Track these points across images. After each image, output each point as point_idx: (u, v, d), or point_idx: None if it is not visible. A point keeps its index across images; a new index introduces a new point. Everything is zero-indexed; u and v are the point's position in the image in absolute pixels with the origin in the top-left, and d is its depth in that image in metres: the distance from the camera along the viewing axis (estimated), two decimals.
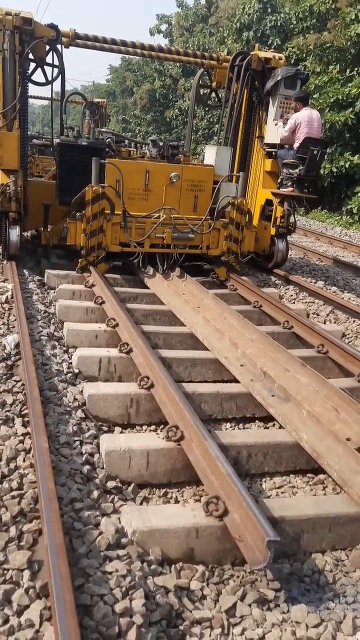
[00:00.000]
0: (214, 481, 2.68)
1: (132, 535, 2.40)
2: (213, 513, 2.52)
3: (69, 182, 6.17)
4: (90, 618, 1.98)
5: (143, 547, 2.41)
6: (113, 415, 3.59)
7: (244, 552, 2.34)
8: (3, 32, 6.24)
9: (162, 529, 2.43)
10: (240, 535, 2.39)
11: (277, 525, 2.56)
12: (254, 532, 2.31)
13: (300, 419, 3.45)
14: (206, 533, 2.49)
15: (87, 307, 5.14)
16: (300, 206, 17.29)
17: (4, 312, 4.89)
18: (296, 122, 6.76)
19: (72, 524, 2.46)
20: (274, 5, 18.80)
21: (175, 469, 3.07)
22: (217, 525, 2.49)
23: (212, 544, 2.50)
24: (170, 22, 26.86)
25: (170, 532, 2.44)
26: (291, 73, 7.05)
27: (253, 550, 2.30)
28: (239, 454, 3.20)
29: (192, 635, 2.14)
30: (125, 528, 2.47)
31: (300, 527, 2.64)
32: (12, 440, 2.95)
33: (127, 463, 2.99)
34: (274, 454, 3.26)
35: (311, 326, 5.01)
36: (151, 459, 3.02)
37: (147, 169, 6.41)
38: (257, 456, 3.23)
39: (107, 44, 7.55)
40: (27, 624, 1.91)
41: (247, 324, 4.79)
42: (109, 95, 36.86)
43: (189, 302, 5.36)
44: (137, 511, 2.53)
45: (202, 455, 2.87)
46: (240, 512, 2.44)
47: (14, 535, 2.28)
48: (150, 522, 2.45)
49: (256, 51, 7.39)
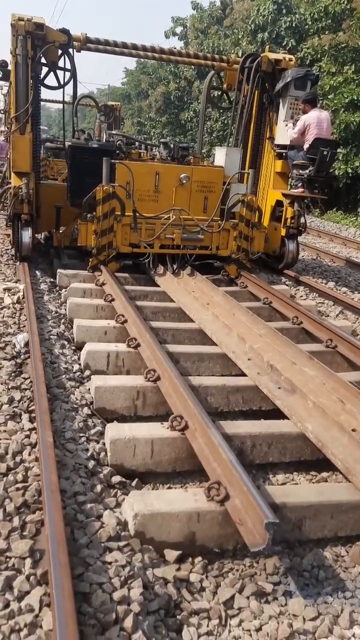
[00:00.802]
0: (216, 468, 2.72)
1: (134, 519, 2.44)
2: (214, 498, 2.56)
3: (80, 184, 6.28)
4: (88, 605, 2.03)
5: (144, 530, 2.45)
6: (120, 407, 3.65)
7: (244, 535, 2.38)
8: (16, 37, 6.38)
9: (163, 513, 2.48)
10: (240, 519, 2.43)
11: (279, 511, 2.58)
12: (254, 515, 2.35)
13: (306, 410, 3.46)
14: (207, 517, 2.53)
15: (97, 305, 5.23)
16: (315, 207, 17.37)
17: (15, 312, 5.00)
18: (305, 123, 6.80)
19: (75, 515, 2.52)
20: (289, 6, 18.81)
21: (180, 458, 3.11)
22: (219, 510, 2.53)
23: (213, 529, 2.53)
24: (186, 25, 27.00)
25: (171, 515, 2.48)
26: (301, 74, 7.08)
27: (253, 533, 2.34)
28: (243, 444, 3.23)
29: (189, 625, 2.18)
30: (128, 512, 2.52)
31: (302, 513, 2.66)
32: (18, 435, 3.03)
33: (132, 451, 3.05)
34: (279, 445, 3.29)
35: (320, 321, 5.02)
36: (156, 448, 3.07)
37: (157, 171, 6.49)
38: (261, 446, 3.26)
39: (118, 47, 7.68)
40: (27, 608, 1.97)
41: (255, 320, 4.82)
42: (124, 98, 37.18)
43: (198, 299, 5.41)
44: (139, 495, 2.58)
45: (205, 444, 2.91)
46: (241, 497, 2.48)
47: (17, 525, 2.34)
48: (152, 505, 2.50)
49: (266, 52, 7.44)
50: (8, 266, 6.74)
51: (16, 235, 6.68)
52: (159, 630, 2.09)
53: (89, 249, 6.18)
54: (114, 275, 5.91)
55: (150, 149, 7.30)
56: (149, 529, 2.47)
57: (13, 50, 6.50)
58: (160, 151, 6.87)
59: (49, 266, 7.07)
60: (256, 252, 6.79)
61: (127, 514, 2.53)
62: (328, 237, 12.50)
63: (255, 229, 6.65)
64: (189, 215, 6.38)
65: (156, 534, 2.48)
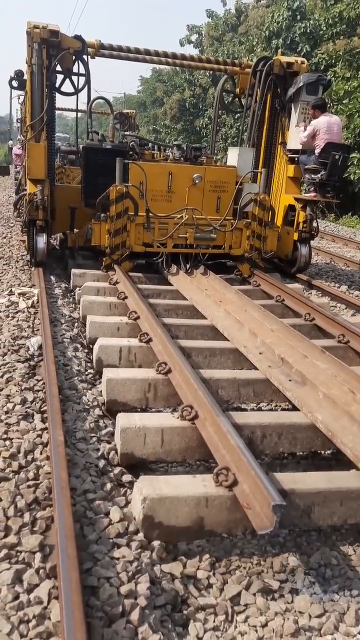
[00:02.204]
0: (225, 454, 2.73)
1: (143, 502, 2.46)
2: (223, 483, 2.57)
3: (94, 184, 6.37)
4: (96, 598, 2.07)
5: (153, 514, 2.47)
6: (131, 399, 3.68)
7: (252, 519, 2.38)
8: (31, 47, 6.52)
9: (172, 497, 2.49)
10: (248, 503, 2.43)
11: (288, 498, 2.57)
12: (261, 498, 2.35)
13: (316, 401, 3.46)
14: (216, 503, 2.54)
15: (110, 303, 5.28)
16: (330, 212, 17.30)
17: (30, 315, 5.08)
18: (315, 128, 6.83)
19: (84, 512, 2.56)
20: (304, 13, 18.87)
21: (190, 447, 3.12)
22: (227, 495, 2.54)
23: (221, 514, 2.54)
24: (201, 32, 27.21)
25: (180, 500, 2.50)
26: (313, 79, 7.12)
27: (260, 516, 2.34)
28: (253, 434, 3.23)
29: (196, 620, 2.19)
30: (137, 496, 2.54)
31: (311, 500, 2.65)
32: (30, 434, 3.08)
33: (142, 440, 3.07)
34: (289, 435, 3.28)
35: (332, 317, 5.01)
36: (166, 437, 3.08)
37: (170, 171, 6.55)
38: (271, 436, 3.26)
39: (132, 53, 7.79)
40: (35, 600, 2.02)
41: (267, 316, 4.83)
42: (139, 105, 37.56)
43: (211, 296, 5.44)
44: (148, 480, 2.60)
45: (214, 432, 2.92)
46: (249, 482, 2.48)
47: (28, 520, 2.40)
48: (161, 490, 2.51)
49: (278, 56, 7.48)
50: (23, 271, 6.86)
51: (31, 241, 6.78)
52: (165, 624, 2.11)
53: (103, 249, 6.26)
54: (128, 274, 5.97)
55: (163, 150, 7.37)
56: (157, 513, 2.48)
57: (28, 60, 6.64)
58: (173, 152, 6.94)
59: (63, 271, 7.17)
60: (269, 251, 6.80)
61: (136, 498, 2.55)
62: (342, 241, 12.44)
63: (268, 227, 6.67)
64: (202, 215, 6.42)
65: (165, 518, 2.49)
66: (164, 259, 6.43)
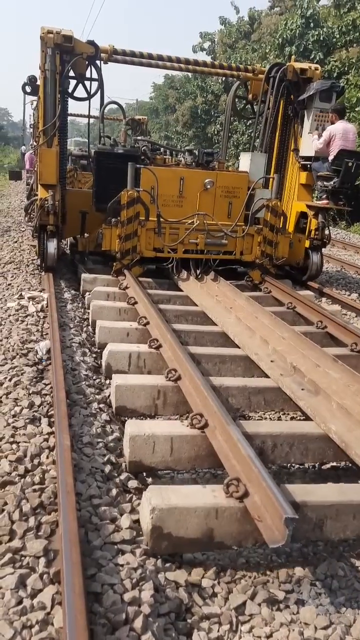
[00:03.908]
0: (236, 465, 2.67)
1: (152, 513, 2.40)
2: (233, 494, 2.50)
3: (105, 189, 6.35)
4: (99, 605, 2.04)
5: (162, 525, 2.41)
6: (140, 406, 3.63)
7: (263, 531, 2.32)
8: (45, 52, 6.53)
9: (181, 507, 2.43)
10: (259, 515, 2.37)
11: (300, 510, 2.51)
12: (273, 511, 2.29)
13: (330, 411, 3.39)
14: (226, 514, 2.47)
15: (120, 308, 5.25)
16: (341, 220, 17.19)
17: (39, 319, 5.07)
18: (331, 134, 6.78)
19: (90, 518, 2.53)
20: (317, 20, 18.86)
21: (200, 456, 3.06)
22: (238, 507, 2.47)
23: (232, 525, 2.48)
24: (213, 40, 27.29)
25: (189, 510, 2.43)
26: (326, 86, 7.07)
27: (272, 529, 2.28)
28: (264, 444, 3.16)
29: (200, 629, 2.15)
30: (145, 506, 2.48)
31: (324, 512, 2.58)
32: (37, 438, 3.05)
33: (151, 448, 3.01)
34: (300, 445, 3.21)
35: (345, 325, 4.93)
36: (175, 445, 3.03)
37: (181, 176, 6.52)
38: (282, 447, 3.19)
39: (145, 58, 7.79)
40: (39, 606, 1.99)
41: (278, 323, 4.77)
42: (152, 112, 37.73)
43: (221, 302, 5.39)
44: (157, 490, 2.54)
45: (225, 441, 2.86)
46: (260, 494, 2.42)
47: (33, 525, 2.37)
48: (170, 500, 2.45)
49: (292, 62, 7.45)
50: (34, 276, 6.85)
51: (42, 246, 6.77)
52: (169, 632, 2.07)
53: (113, 254, 6.23)
54: (138, 280, 5.93)
55: (175, 155, 7.35)
56: (166, 524, 2.42)
57: (42, 65, 6.64)
58: (185, 157, 6.92)
59: (73, 276, 7.16)
60: (280, 258, 6.73)
61: (145, 508, 2.49)
62: (354, 249, 12.34)
63: (280, 234, 6.61)
64: (213, 220, 6.38)
65: (174, 529, 2.43)
66: (174, 264, 6.39)
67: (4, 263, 7.39)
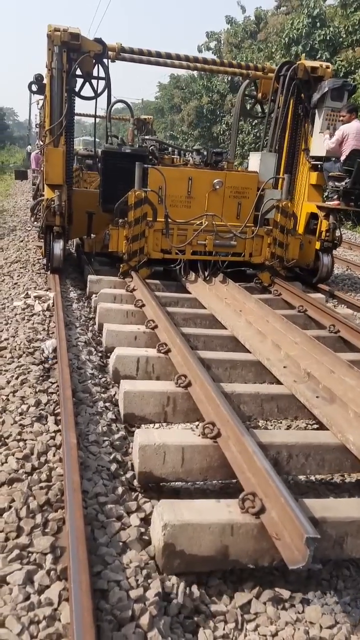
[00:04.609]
0: (251, 478, 2.55)
1: (164, 529, 2.29)
2: (249, 510, 2.39)
3: (112, 189, 6.24)
4: (105, 601, 2.04)
5: (175, 542, 2.29)
6: (149, 413, 3.51)
7: (282, 551, 2.20)
8: (52, 51, 6.42)
9: (195, 524, 2.31)
10: (277, 533, 2.25)
11: (319, 527, 2.38)
12: (292, 529, 2.17)
13: (347, 420, 3.26)
14: (242, 531, 2.35)
15: (127, 310, 5.14)
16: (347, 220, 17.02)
17: (45, 318, 5.05)
18: (344, 133, 6.65)
19: (96, 515, 2.52)
20: (323, 20, 18.74)
21: (212, 467, 2.94)
22: (254, 523, 2.35)
23: (248, 543, 2.35)
24: (219, 39, 27.16)
25: (203, 527, 2.31)
26: (338, 85, 6.94)
27: (291, 549, 2.16)
28: (279, 455, 3.04)
29: (206, 627, 2.14)
30: (157, 522, 2.36)
31: (344, 529, 2.45)
32: (44, 436, 3.06)
33: (162, 459, 2.89)
34: (317, 456, 3.08)
35: (358, 329, 4.80)
36: (186, 456, 2.91)
37: (190, 176, 6.40)
38: (298, 457, 3.06)
39: (153, 57, 7.68)
40: (46, 602, 1.99)
41: (290, 327, 4.64)
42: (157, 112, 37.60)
43: (230, 305, 5.26)
44: (169, 504, 2.42)
45: (239, 452, 2.74)
46: (277, 510, 2.30)
47: (40, 522, 2.36)
48: (183, 516, 2.33)
49: (302, 60, 7.32)
50: (39, 275, 6.80)
51: (48, 247, 6.67)
52: (175, 630, 2.08)
53: (120, 255, 6.12)
54: (145, 281, 5.82)
55: (183, 155, 7.23)
56: (179, 541, 2.30)
57: (49, 64, 6.55)
58: (194, 156, 6.80)
59: (79, 275, 7.10)
60: (291, 260, 6.61)
61: (156, 524, 2.37)
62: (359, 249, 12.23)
63: (290, 235, 6.48)
64: (222, 221, 6.26)
65: (187, 546, 2.31)
66: (182, 266, 6.27)
67: (10, 262, 7.33)
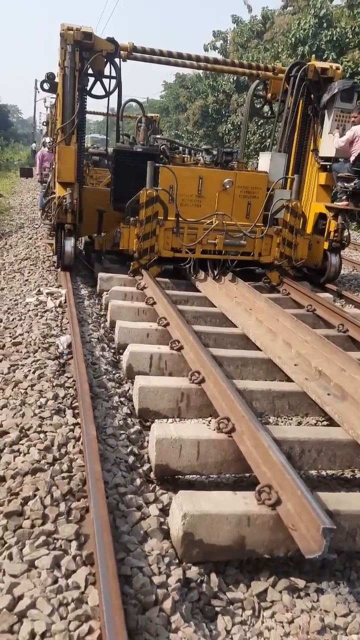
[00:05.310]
0: (266, 472, 2.62)
1: (183, 519, 2.36)
2: (265, 502, 2.46)
3: (123, 188, 6.31)
4: (129, 586, 2.13)
5: (193, 532, 2.36)
6: (163, 408, 3.58)
7: (298, 541, 2.27)
8: (64, 50, 6.48)
9: (213, 515, 2.38)
10: (293, 524, 2.32)
11: (332, 519, 2.44)
12: (308, 520, 2.24)
13: (358, 417, 3.32)
14: (258, 522, 2.42)
15: (138, 308, 5.21)
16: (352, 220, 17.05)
17: (57, 315, 5.12)
18: (355, 134, 6.69)
19: (117, 505, 2.60)
20: (330, 20, 18.73)
21: (226, 461, 3.01)
22: (270, 514, 2.43)
23: (264, 534, 2.43)
24: (226, 39, 27.16)
25: (221, 517, 2.39)
26: (348, 86, 6.99)
27: (307, 539, 2.23)
28: (292, 450, 3.10)
29: (224, 613, 2.22)
30: (176, 512, 2.43)
31: (357, 522, 2.52)
32: (63, 428, 3.12)
33: (178, 452, 2.96)
34: (329, 452, 3.15)
35: None
36: (202, 450, 2.98)
37: (200, 175, 6.47)
38: (310, 453, 3.13)
39: (164, 56, 7.73)
40: (73, 585, 2.06)
41: (300, 325, 4.71)
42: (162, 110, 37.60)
43: (241, 304, 5.33)
44: (188, 495, 2.49)
45: (254, 447, 2.81)
46: (293, 502, 2.37)
47: (64, 510, 2.44)
48: (202, 506, 2.41)
49: (312, 61, 7.37)
50: (50, 272, 6.88)
51: (59, 244, 6.73)
52: (195, 616, 2.16)
53: (131, 253, 6.18)
54: (155, 280, 5.89)
55: (193, 154, 7.28)
56: (198, 530, 2.37)
57: (61, 63, 6.60)
58: (204, 156, 6.86)
59: (89, 273, 7.16)
60: (300, 259, 6.67)
61: (175, 514, 2.44)
62: None
63: (299, 235, 6.54)
64: (232, 221, 6.32)
65: (205, 536, 2.38)
66: (192, 264, 6.34)
67: (20, 259, 7.40)
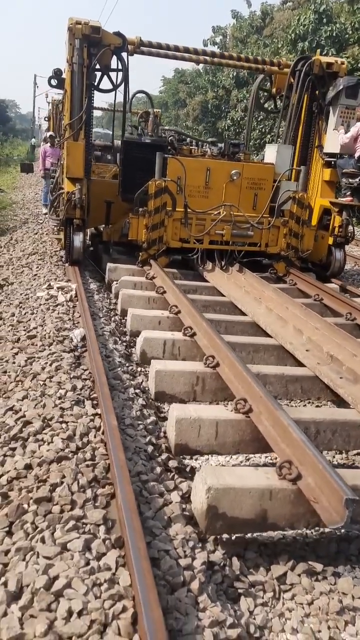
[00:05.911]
0: (285, 448, 2.69)
1: (207, 492, 2.42)
2: (286, 477, 2.53)
3: (132, 179, 6.35)
4: (157, 568, 2.17)
5: (217, 505, 2.43)
6: (179, 391, 3.65)
7: (320, 513, 2.35)
8: (72, 45, 6.47)
9: (236, 488, 2.45)
10: (315, 497, 2.39)
11: None
12: (330, 492, 2.31)
13: None
14: (280, 496, 2.49)
15: (149, 297, 5.27)
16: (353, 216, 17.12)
17: (69, 309, 5.14)
18: (359, 130, 6.73)
19: (140, 492, 2.64)
20: (330, 16, 18.74)
21: (244, 441, 3.08)
22: (291, 489, 2.50)
23: (285, 507, 2.50)
24: (225, 34, 27.14)
25: (244, 491, 2.45)
26: (353, 83, 7.04)
27: (329, 511, 2.31)
28: (307, 430, 3.17)
29: (247, 595, 2.30)
30: (200, 486, 2.50)
31: None
32: (83, 418, 3.15)
33: (197, 432, 3.03)
34: (343, 432, 3.23)
35: None
36: (220, 429, 3.05)
37: (208, 167, 6.52)
38: (325, 433, 3.21)
39: (171, 50, 7.76)
40: (105, 567, 2.10)
41: (310, 313, 4.78)
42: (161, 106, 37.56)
43: (249, 293, 5.40)
44: (212, 470, 2.57)
45: (272, 426, 2.88)
46: (314, 476, 2.44)
47: (90, 496, 2.48)
48: (225, 480, 2.47)
49: (318, 56, 7.42)
50: (58, 266, 6.89)
51: (68, 239, 6.76)
52: (219, 597, 2.22)
53: (140, 244, 6.24)
54: (164, 270, 5.95)
55: (201, 146, 7.33)
56: (222, 503, 2.44)
57: (69, 59, 6.57)
58: (211, 147, 6.91)
59: (95, 267, 7.18)
60: (306, 250, 6.73)
61: (199, 487, 2.51)
62: None
63: (306, 226, 6.61)
64: (239, 212, 6.38)
65: (229, 509, 2.45)
66: (199, 255, 6.40)
67: (28, 254, 7.43)
